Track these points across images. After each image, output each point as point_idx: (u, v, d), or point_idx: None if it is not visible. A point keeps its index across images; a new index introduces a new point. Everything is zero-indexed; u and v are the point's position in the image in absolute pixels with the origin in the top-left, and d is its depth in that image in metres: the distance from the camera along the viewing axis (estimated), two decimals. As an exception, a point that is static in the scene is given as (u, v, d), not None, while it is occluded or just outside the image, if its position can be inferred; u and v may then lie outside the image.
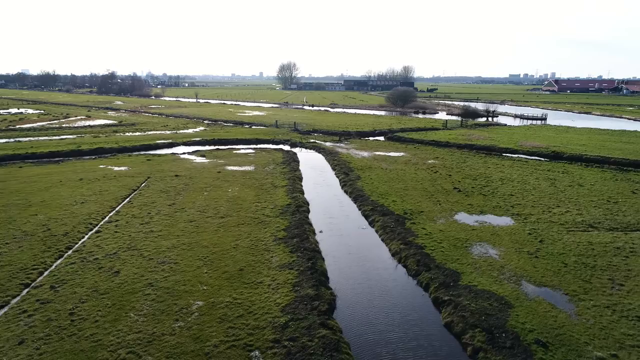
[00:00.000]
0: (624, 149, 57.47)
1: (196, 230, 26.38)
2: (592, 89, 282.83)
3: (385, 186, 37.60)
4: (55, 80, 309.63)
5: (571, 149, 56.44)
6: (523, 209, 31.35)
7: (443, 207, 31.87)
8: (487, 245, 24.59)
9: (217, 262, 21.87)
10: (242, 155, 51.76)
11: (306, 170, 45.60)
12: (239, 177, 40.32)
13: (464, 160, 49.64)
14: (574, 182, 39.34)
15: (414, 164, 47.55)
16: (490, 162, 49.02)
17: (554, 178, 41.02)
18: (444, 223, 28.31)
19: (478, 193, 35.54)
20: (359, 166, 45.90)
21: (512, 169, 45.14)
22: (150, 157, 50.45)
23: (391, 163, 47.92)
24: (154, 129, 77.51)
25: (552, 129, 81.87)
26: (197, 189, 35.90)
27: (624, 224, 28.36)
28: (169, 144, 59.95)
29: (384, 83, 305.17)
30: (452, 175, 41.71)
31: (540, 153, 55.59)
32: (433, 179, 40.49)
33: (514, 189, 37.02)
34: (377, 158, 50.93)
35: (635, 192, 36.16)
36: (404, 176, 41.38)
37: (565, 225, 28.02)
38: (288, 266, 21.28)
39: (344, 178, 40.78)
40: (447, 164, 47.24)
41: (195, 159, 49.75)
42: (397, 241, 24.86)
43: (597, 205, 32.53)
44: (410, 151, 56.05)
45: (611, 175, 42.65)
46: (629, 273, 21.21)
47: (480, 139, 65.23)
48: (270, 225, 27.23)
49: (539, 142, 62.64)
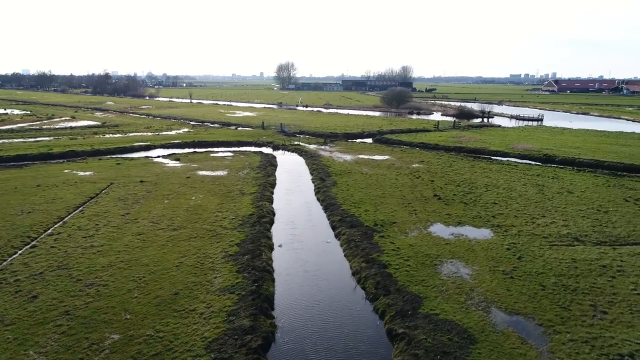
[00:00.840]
0: (620, 152, 55.02)
1: (141, 245, 24.01)
2: (592, 89, 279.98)
3: (361, 193, 35.21)
4: (51, 80, 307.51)
5: (564, 152, 53.99)
6: (505, 220, 28.94)
7: (419, 217, 29.47)
8: (459, 263, 22.19)
9: (152, 284, 19.49)
10: (218, 159, 49.39)
11: (282, 175, 43.23)
12: (208, 183, 37.95)
13: (450, 165, 47.23)
14: (564, 189, 36.91)
15: (396, 168, 45.15)
16: (478, 166, 46.60)
17: (543, 184, 38.59)
18: (416, 236, 25.91)
19: (459, 201, 33.13)
20: (339, 171, 43.51)
21: (500, 174, 42.71)
22: (121, 160, 48.10)
23: (373, 167, 45.52)
24: (136, 130, 75.17)
25: (547, 130, 79.41)
26: (159, 197, 33.54)
27: (613, 237, 25.94)
28: (146, 147, 57.62)
29: (382, 83, 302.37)
30: (434, 181, 39.30)
31: (531, 156, 53.15)
32: (414, 185, 38.09)
33: (499, 196, 34.60)
34: (359, 162, 48.53)
35: (628, 200, 33.72)
36: (384, 182, 38.99)
37: (548, 239, 25.60)
38: (229, 289, 18.90)
39: (319, 184, 38.41)
40: (431, 169, 44.83)
41: (168, 162, 47.40)
42: (359, 258, 22.48)
43: (586, 215, 30.11)
44: (396, 154, 53.65)
45: (604, 181, 40.21)
46: (614, 298, 18.79)
47: (470, 141, 62.81)
48: (224, 239, 24.85)
49: (531, 144, 60.20)
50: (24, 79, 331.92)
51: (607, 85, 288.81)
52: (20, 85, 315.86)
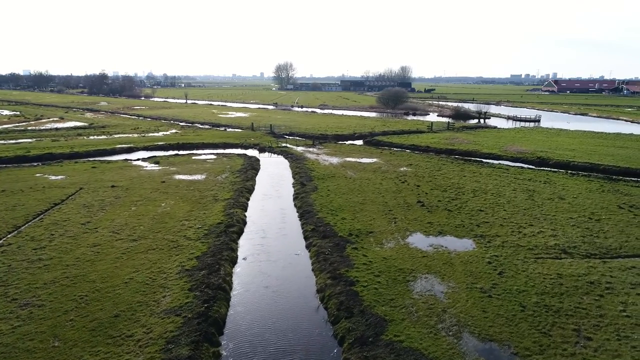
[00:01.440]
0: (616, 154, 53.19)
1: (94, 258, 22.26)
2: (592, 90, 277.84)
3: (341, 199, 33.44)
4: (48, 80, 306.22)
5: (558, 155, 52.18)
6: (490, 229, 27.15)
7: (398, 225, 27.70)
8: (435, 279, 20.41)
9: (94, 305, 17.74)
10: (199, 162, 47.64)
11: (262, 180, 41.51)
12: (182, 188, 36.21)
13: (439, 168, 45.43)
14: (555, 195, 35.11)
15: (383, 172, 43.36)
16: (468, 169, 44.80)
17: (533, 189, 36.79)
18: (392, 247, 24.13)
19: (443, 208, 31.35)
20: (322, 174, 41.75)
21: (489, 178, 40.91)
22: (98, 164, 46.39)
23: (359, 171, 43.75)
24: (123, 132, 73.50)
25: (543, 131, 77.58)
26: (127, 203, 31.79)
27: (604, 249, 24.15)
28: (128, 149, 55.91)
29: (380, 84, 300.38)
30: (420, 186, 37.52)
31: (524, 159, 51.34)
32: (398, 190, 36.31)
33: (486, 202, 32.82)
34: (346, 165, 46.76)
35: (622, 207, 31.91)
36: (367, 187, 37.22)
37: (534, 251, 23.82)
38: (176, 311, 17.14)
39: (299, 189, 36.65)
40: (419, 172, 43.04)
41: (147, 165, 45.68)
42: (326, 273, 20.71)
43: (577, 223, 28.32)
44: (385, 157, 51.87)
45: (598, 186, 38.40)
46: (600, 321, 17.00)
47: (463, 143, 61.00)
48: (184, 252, 23.10)
49: (525, 146, 58.38)
50: (21, 79, 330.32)
51: (607, 85, 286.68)
52: (18, 85, 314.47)
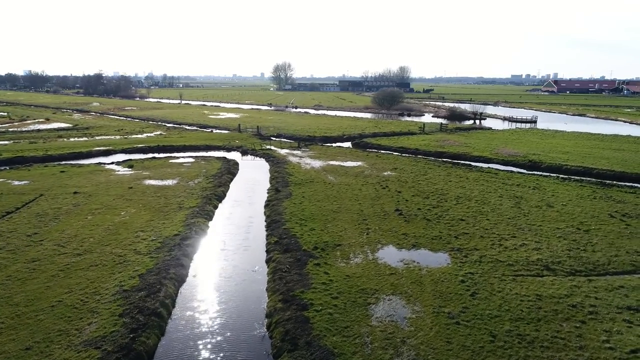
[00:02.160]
0: (612, 157, 51.06)
1: (27, 276, 20.22)
2: (592, 90, 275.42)
3: (314, 207, 31.37)
4: (45, 81, 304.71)
5: (551, 158, 50.08)
6: (469, 241, 25.08)
7: (370, 237, 25.63)
8: (399, 302, 18.34)
9: (7, 334, 15.71)
10: (174, 166, 45.60)
11: (237, 185, 39.50)
12: (149, 195, 34.18)
13: (425, 172, 43.34)
14: (543, 202, 33.01)
15: (365, 176, 41.29)
16: (455, 174, 42.70)
17: (521, 196, 34.68)
18: (358, 263, 22.07)
19: (422, 217, 29.27)
20: (300, 179, 39.69)
21: (476, 183, 38.82)
22: (69, 167, 44.35)
23: (340, 175, 41.68)
24: (106, 133, 71.56)
25: (538, 133, 75.44)
26: (85, 212, 29.75)
27: (591, 265, 22.06)
28: (105, 152, 53.91)
29: (379, 84, 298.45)
30: (401, 192, 35.44)
31: (515, 162, 49.25)
32: (377, 196, 34.25)
33: (469, 211, 30.73)
34: (327, 169, 44.68)
35: (614, 216, 29.80)
36: (345, 193, 35.15)
37: (513, 267, 21.74)
38: (97, 342, 15.09)
39: (273, 195, 34.61)
40: (403, 177, 40.96)
41: (119, 170, 43.66)
42: (278, 295, 18.64)
43: (563, 234, 26.23)
44: (371, 160, 49.78)
45: (590, 192, 36.29)
46: (580, 355, 14.93)
47: (453, 146, 58.91)
48: (128, 268, 21.05)
49: (517, 149, 56.27)
50: (18, 80, 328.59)
51: (607, 85, 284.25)
52: (15, 85, 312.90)
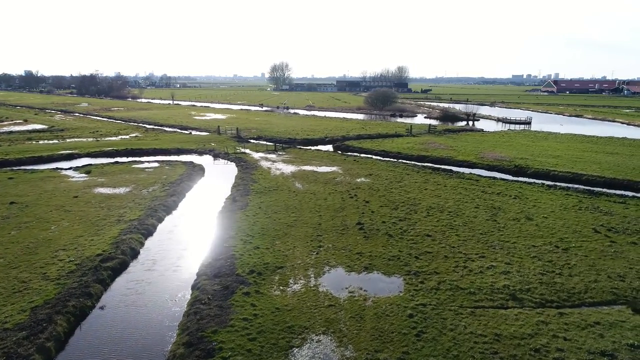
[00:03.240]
0: (604, 162, 48.03)
1: None
2: (592, 90, 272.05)
3: (268, 220, 28.43)
4: (40, 81, 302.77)
5: (539, 163, 47.07)
6: (429, 262, 22.12)
7: (320, 257, 22.68)
8: (329, 344, 15.40)
9: None
10: (135, 172, 42.70)
11: (195, 193, 36.63)
12: (92, 205, 31.28)
13: (401, 179, 40.37)
14: (523, 214, 30.01)
15: (336, 183, 38.34)
16: (432, 180, 39.72)
17: (500, 206, 31.69)
18: (296, 291, 19.12)
19: (385, 232, 26.31)
20: (264, 187, 36.77)
21: (453, 191, 35.84)
22: (21, 173, 41.51)
23: (309, 182, 38.75)
24: (79, 135, 68.85)
25: (530, 135, 72.36)
26: (11, 226, 26.87)
27: (565, 293, 19.10)
28: (68, 156, 51.12)
29: (376, 84, 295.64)
30: (370, 202, 32.49)
31: (501, 167, 46.26)
32: (342, 207, 31.30)
33: (438, 224, 27.76)
34: (297, 175, 41.73)
35: (598, 231, 26.79)
36: (308, 203, 32.21)
37: (475, 296, 18.78)
38: None
39: (228, 205, 31.70)
40: (376, 184, 37.99)
41: (74, 176, 40.81)
42: (185, 335, 15.70)
43: (539, 254, 23.26)
44: (347, 165, 46.83)
45: (575, 202, 33.28)
46: (533, 422, 11.91)
47: (438, 149, 55.93)
48: (25, 298, 18.14)
49: (505, 153, 53.25)
50: (13, 80, 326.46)
51: (607, 85, 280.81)
52: (10, 85, 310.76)
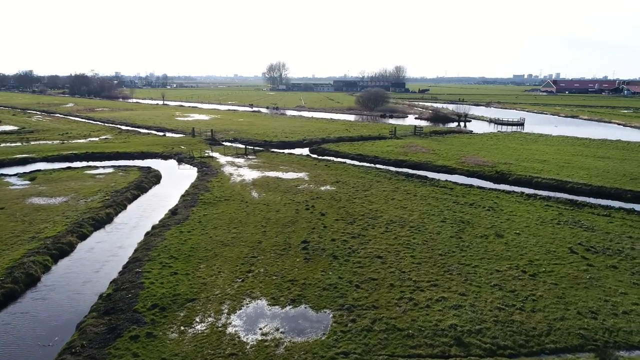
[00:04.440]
0: (593, 167, 44.66)
1: None
2: (591, 90, 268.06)
3: (203, 237, 25.18)
4: (34, 81, 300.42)
5: (523, 169, 43.74)
6: (371, 293, 18.85)
7: (244, 286, 19.42)
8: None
9: None
10: (84, 178, 39.48)
11: (140, 203, 33.58)
12: (14, 219, 28.11)
13: (370, 186, 37.08)
14: (493, 229, 26.69)
15: (296, 192, 35.09)
16: (403, 189, 36.42)
17: (469, 220, 28.37)
18: (197, 334, 15.85)
19: (330, 253, 23.03)
20: (215, 197, 33.52)
21: (421, 202, 32.54)
22: (-42, 181, 38.28)
23: (268, 191, 35.49)
24: (46, 138, 65.79)
25: (520, 137, 68.95)
26: None
27: (522, 336, 15.80)
28: (21, 161, 47.99)
29: (373, 84, 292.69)
30: (326, 215, 29.21)
31: (481, 173, 42.94)
32: (293, 221, 28.04)
33: (395, 242, 24.48)
34: (258, 182, 38.47)
35: (575, 251, 23.47)
36: (256, 216, 28.95)
37: (413, 340, 15.50)
38: None
39: (165, 219, 28.50)
40: (339, 193, 34.71)
41: (15, 184, 37.79)
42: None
43: (501, 281, 19.96)
44: (317, 170, 43.55)
45: (555, 214, 29.95)
46: None
47: (419, 153, 52.62)
48: None
49: (489, 157, 49.89)
50: (7, 80, 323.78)
51: (607, 85, 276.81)
52: (3, 85, 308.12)
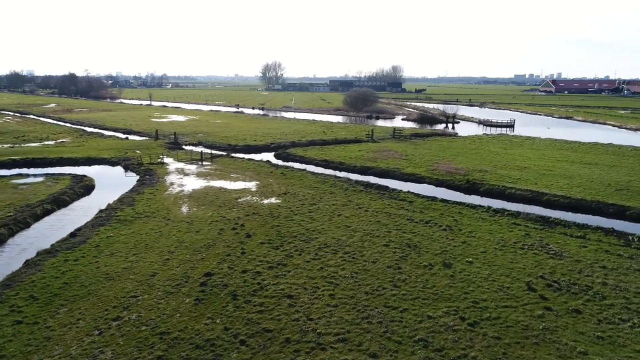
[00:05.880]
0: (576, 175, 40.29)
1: None
2: (591, 90, 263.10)
3: (88, 268, 21.03)
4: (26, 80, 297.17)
5: (498, 177, 39.41)
6: (256, 353, 14.74)
7: (97, 342, 15.31)
8: None
9: None
10: (4, 189, 35.35)
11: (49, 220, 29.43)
12: None
13: (320, 199, 32.81)
14: (442, 256, 22.38)
15: (233, 206, 30.87)
16: (355, 202, 32.14)
17: (418, 243, 24.05)
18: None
19: (230, 291, 18.86)
20: (137, 213, 29.32)
21: (372, 218, 28.24)
22: None
23: (202, 205, 31.28)
24: (2, 141, 61.73)
25: (505, 140, 64.49)
26: None
27: None
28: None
29: (370, 84, 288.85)
30: (252, 237, 25.00)
31: (450, 183, 38.63)
32: (210, 244, 23.83)
33: (317, 275, 20.23)
34: (197, 194, 34.28)
35: (533, 288, 19.17)
36: (171, 238, 24.75)
37: None
38: None
39: (59, 243, 24.25)
40: (282, 208, 30.45)
41: None
42: None
43: (429, 334, 15.70)
44: (271, 179, 39.31)
45: (521, 235, 25.62)
46: None
47: (389, 159, 48.33)
48: None
49: (464, 163, 45.53)
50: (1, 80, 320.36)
51: (607, 85, 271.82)
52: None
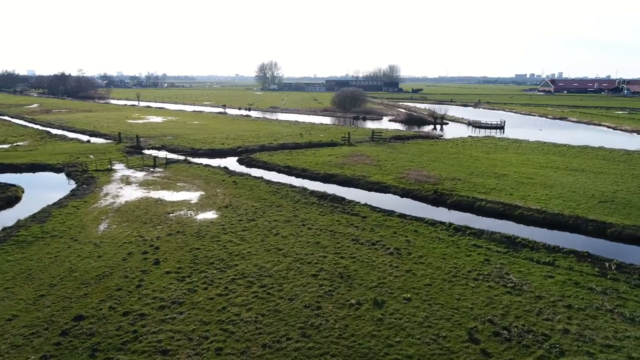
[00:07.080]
0: (558, 184, 36.44)
1: None
2: (590, 90, 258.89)
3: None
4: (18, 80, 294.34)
5: (470, 187, 35.61)
6: None
7: None
8: None
9: None
10: None
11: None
12: None
13: (262, 214, 29.03)
14: (375, 291, 18.58)
15: (160, 222, 27.17)
16: (301, 217, 28.35)
17: (351, 273, 20.23)
18: None
19: (94, 342, 15.21)
20: (43, 232, 25.66)
21: (310, 239, 24.44)
22: None
23: (126, 221, 27.56)
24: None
25: (489, 144, 60.59)
26: None
27: None
28: None
29: (367, 83, 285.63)
30: (160, 264, 21.28)
31: (416, 193, 34.82)
32: (105, 274, 20.20)
33: (214, 319, 16.51)
34: (128, 207, 30.57)
35: (477, 339, 15.37)
36: (63, 265, 21.03)
37: None
38: None
39: None
40: (215, 225, 26.70)
41: None
42: None
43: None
44: (219, 189, 35.58)
45: (479, 261, 21.78)
46: None
47: (358, 165, 44.50)
48: None
49: (437, 170, 41.67)
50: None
51: (607, 85, 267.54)
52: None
